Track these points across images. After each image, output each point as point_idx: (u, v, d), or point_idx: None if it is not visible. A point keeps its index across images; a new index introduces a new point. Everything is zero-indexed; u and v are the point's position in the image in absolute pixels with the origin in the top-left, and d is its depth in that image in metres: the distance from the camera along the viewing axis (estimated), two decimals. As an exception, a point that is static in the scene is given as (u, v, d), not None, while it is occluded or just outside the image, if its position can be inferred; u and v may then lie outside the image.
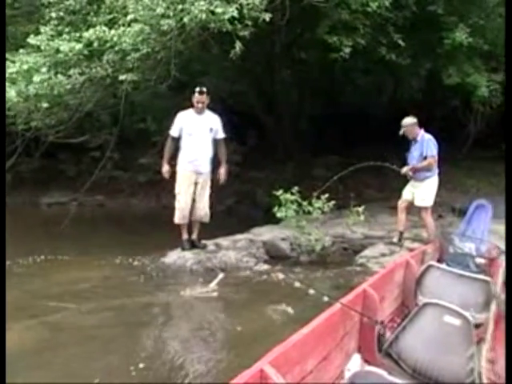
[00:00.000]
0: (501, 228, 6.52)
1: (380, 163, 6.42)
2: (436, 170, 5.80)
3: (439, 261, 4.27)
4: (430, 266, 3.51)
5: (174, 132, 5.36)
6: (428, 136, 5.77)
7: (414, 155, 5.83)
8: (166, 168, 5.37)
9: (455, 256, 4.32)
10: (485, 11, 7.23)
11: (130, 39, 5.74)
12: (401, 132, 5.84)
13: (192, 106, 5.38)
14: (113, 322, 3.71)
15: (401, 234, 5.93)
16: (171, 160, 5.44)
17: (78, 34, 6.23)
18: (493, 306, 3.11)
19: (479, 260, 4.26)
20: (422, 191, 5.80)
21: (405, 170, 5.90)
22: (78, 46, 6.12)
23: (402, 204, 6.00)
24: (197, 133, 5.37)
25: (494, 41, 7.46)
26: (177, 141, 5.40)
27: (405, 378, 2.49)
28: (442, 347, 2.49)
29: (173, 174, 5.44)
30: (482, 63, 7.72)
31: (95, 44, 6.11)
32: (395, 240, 5.95)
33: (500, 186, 9.58)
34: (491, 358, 2.71)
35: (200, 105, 5.29)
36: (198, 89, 5.28)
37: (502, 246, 5.40)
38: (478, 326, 2.93)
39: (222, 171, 5.54)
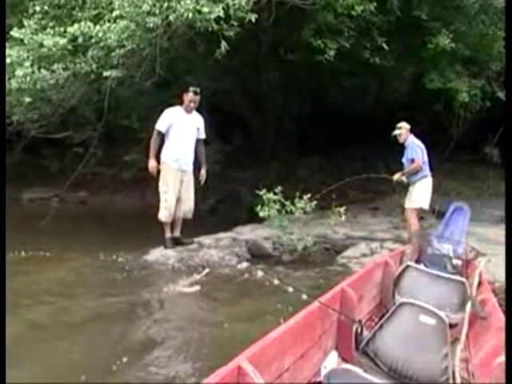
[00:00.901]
0: (478, 230, 6.69)
1: (375, 175, 6.90)
2: (426, 173, 5.96)
3: (418, 261, 4.34)
4: (407, 267, 3.56)
5: (161, 127, 5.34)
6: (412, 140, 5.96)
7: (403, 161, 6.04)
8: (153, 163, 5.30)
9: (433, 257, 4.40)
10: (467, 17, 7.36)
11: (115, 35, 5.70)
12: (395, 132, 6.01)
13: (180, 103, 5.41)
14: (94, 318, 3.69)
15: None
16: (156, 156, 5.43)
17: (62, 29, 6.14)
18: (468, 307, 3.17)
19: (456, 261, 4.35)
20: (413, 194, 5.95)
21: (396, 176, 6.07)
22: (63, 41, 6.04)
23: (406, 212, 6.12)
24: (185, 131, 5.41)
25: (475, 47, 7.62)
26: (162, 136, 5.40)
27: (381, 376, 2.51)
28: (418, 346, 2.52)
29: (157, 171, 5.41)
30: (463, 68, 7.87)
31: (80, 39, 6.04)
32: None
33: (479, 189, 9.80)
34: (465, 357, 2.76)
35: (192, 104, 5.36)
36: (193, 89, 5.33)
37: (479, 248, 5.54)
38: (453, 325, 2.98)
39: (203, 172, 5.63)
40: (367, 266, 3.61)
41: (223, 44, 5.54)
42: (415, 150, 5.87)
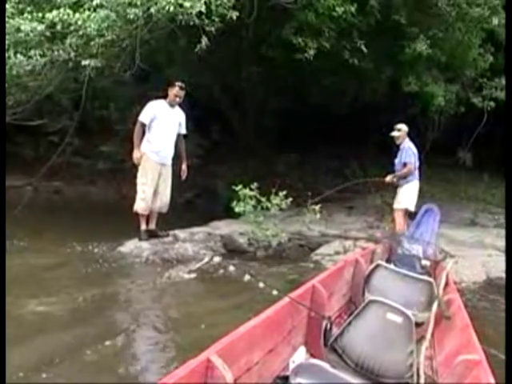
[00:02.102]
0: (448, 232, 6.87)
1: (368, 179, 7.34)
2: (414, 176, 6.19)
3: (388, 261, 4.42)
4: (378, 266, 3.62)
5: (145, 119, 5.35)
6: (408, 144, 6.17)
7: (396, 162, 6.25)
8: (138, 154, 5.34)
9: (403, 257, 4.50)
10: (444, 25, 7.50)
11: (94, 24, 5.62)
12: (393, 133, 6.19)
13: (163, 96, 5.43)
14: (67, 309, 3.66)
15: None
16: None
17: (40, 15, 6.02)
18: (434, 306, 3.25)
19: (425, 262, 4.45)
20: (400, 195, 6.20)
21: (388, 178, 6.28)
22: (40, 27, 5.92)
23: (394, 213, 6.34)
24: (168, 125, 5.43)
25: (452, 53, 7.79)
26: (144, 128, 5.40)
27: (348, 372, 2.55)
28: (384, 343, 2.57)
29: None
30: (440, 74, 8.03)
31: (58, 26, 5.93)
32: None
33: (452, 191, 10.03)
34: (429, 355, 2.84)
35: (178, 99, 5.41)
36: (179, 83, 5.37)
37: (448, 250, 5.69)
38: (419, 324, 3.06)
39: (184, 167, 5.66)
40: (338, 264, 3.66)
41: (204, 39, 5.54)
42: (409, 155, 6.08)
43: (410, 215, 6.20)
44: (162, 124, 5.39)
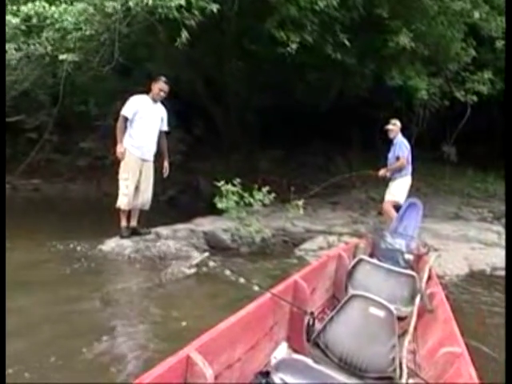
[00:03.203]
0: (433, 226, 6.91)
1: (361, 172, 7.27)
2: (408, 171, 6.30)
3: (371, 255, 4.41)
4: (361, 260, 3.60)
5: (128, 113, 5.26)
6: (401, 139, 6.30)
7: (389, 156, 6.35)
8: (122, 149, 5.25)
9: (386, 251, 4.48)
10: (427, 18, 7.53)
11: (71, 18, 5.53)
12: (389, 126, 6.31)
13: (145, 91, 5.36)
14: (50, 309, 3.57)
15: None
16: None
17: (15, 8, 5.90)
18: (417, 300, 3.24)
19: (408, 256, 4.44)
20: (393, 188, 6.33)
21: (381, 172, 6.39)
22: (15, 20, 5.81)
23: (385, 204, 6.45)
24: (150, 120, 5.36)
25: (435, 47, 7.84)
26: (127, 123, 5.31)
27: (331, 367, 2.53)
28: (367, 337, 2.56)
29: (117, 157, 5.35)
30: (423, 67, 8.08)
31: (34, 20, 5.82)
32: None
33: (436, 186, 10.12)
34: (412, 349, 2.83)
35: (162, 93, 5.33)
36: (164, 78, 5.30)
37: (433, 244, 5.72)
38: (403, 318, 3.06)
39: (166, 164, 5.61)
40: (321, 259, 3.63)
41: (184, 33, 5.47)
42: (402, 150, 6.20)
43: (395, 209, 6.24)
44: (145, 119, 5.31)
